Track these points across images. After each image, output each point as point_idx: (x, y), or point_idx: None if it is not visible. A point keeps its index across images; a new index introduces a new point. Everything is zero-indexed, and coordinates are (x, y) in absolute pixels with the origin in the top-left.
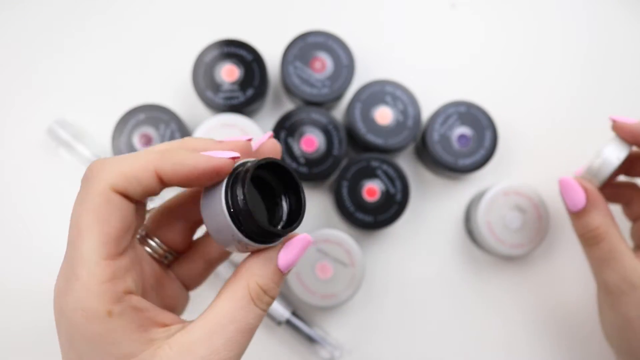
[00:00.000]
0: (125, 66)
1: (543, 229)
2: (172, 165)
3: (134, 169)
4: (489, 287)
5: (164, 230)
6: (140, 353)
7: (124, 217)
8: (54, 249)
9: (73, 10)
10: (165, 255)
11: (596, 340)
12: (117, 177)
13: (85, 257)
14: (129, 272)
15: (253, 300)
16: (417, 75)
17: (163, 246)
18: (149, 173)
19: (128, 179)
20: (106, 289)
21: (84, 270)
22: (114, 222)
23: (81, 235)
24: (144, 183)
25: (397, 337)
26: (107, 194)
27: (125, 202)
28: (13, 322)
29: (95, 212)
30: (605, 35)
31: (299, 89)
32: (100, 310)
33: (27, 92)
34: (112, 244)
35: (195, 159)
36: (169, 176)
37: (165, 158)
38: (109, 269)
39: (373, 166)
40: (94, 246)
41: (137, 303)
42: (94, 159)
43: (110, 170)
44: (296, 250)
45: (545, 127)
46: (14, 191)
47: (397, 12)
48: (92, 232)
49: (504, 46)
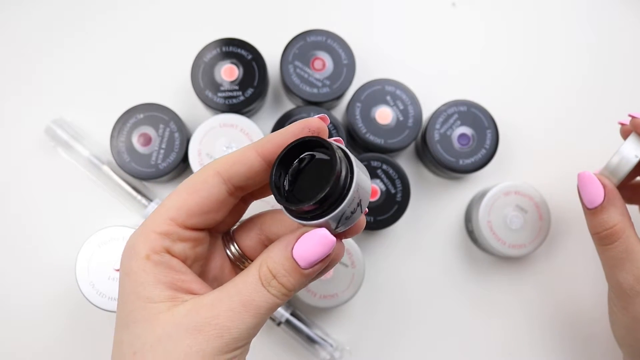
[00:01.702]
0: (124, 65)
1: (544, 229)
2: (269, 140)
3: (238, 153)
4: (489, 287)
5: (244, 237)
6: (160, 303)
7: (210, 196)
8: (52, 249)
9: (72, 9)
10: (240, 260)
11: (597, 340)
12: (223, 163)
13: (160, 210)
14: (183, 242)
15: (261, 280)
16: (417, 75)
17: (238, 251)
18: (251, 152)
19: (233, 162)
20: (154, 238)
21: (151, 219)
22: (198, 195)
23: (170, 196)
24: (248, 162)
25: (398, 337)
26: (208, 175)
27: (220, 186)
28: (12, 321)
29: (190, 183)
30: (608, 34)
31: (298, 88)
32: (142, 251)
33: (25, 91)
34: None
35: (287, 130)
36: (268, 150)
37: (263, 139)
38: (166, 227)
39: (373, 166)
40: (169, 206)
41: (175, 265)
42: (92, 158)
43: (219, 159)
44: (310, 243)
45: (546, 126)
46: (12, 191)
47: (397, 11)
48: (176, 195)
49: (505, 45)
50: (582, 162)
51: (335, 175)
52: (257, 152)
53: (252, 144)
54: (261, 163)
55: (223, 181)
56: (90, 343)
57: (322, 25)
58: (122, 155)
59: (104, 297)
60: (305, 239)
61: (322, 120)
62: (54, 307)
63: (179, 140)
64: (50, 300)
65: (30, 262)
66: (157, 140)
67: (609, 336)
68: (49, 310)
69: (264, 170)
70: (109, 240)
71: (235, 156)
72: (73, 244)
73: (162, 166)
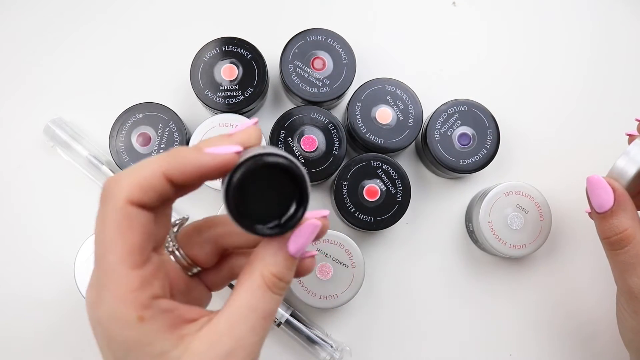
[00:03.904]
0: (123, 65)
1: (545, 229)
2: (178, 166)
3: (144, 177)
4: (490, 287)
5: (191, 246)
6: (174, 349)
7: (143, 227)
8: (51, 249)
9: (71, 8)
10: (189, 268)
11: (598, 340)
12: (131, 190)
13: (112, 269)
14: (155, 278)
15: (270, 288)
16: (417, 74)
17: (187, 259)
18: (158, 178)
19: (141, 188)
20: (136, 297)
21: (113, 282)
22: (135, 233)
23: (106, 250)
24: (157, 189)
25: (398, 338)
26: (124, 208)
27: (143, 212)
28: (12, 322)
29: (116, 226)
30: (609, 35)
31: (298, 88)
32: (132, 317)
33: (24, 90)
34: (136, 254)
35: (200, 157)
36: (177, 177)
37: (171, 160)
38: (137, 278)
39: (373, 166)
40: (119, 259)
41: (165, 305)
42: (91, 158)
43: (123, 184)
44: (304, 237)
45: (547, 126)
46: (11, 191)
47: (398, 11)
48: (115, 245)
49: (506, 45)
50: (584, 162)
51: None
52: (166, 177)
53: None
54: (171, 189)
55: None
56: (89, 343)
57: (322, 24)
58: (121, 155)
59: None
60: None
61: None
62: (52, 307)
63: (179, 140)
64: (48, 300)
65: (29, 262)
66: (157, 140)
67: (609, 337)
68: (48, 310)
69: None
70: None
71: (142, 181)
72: (72, 244)
73: None
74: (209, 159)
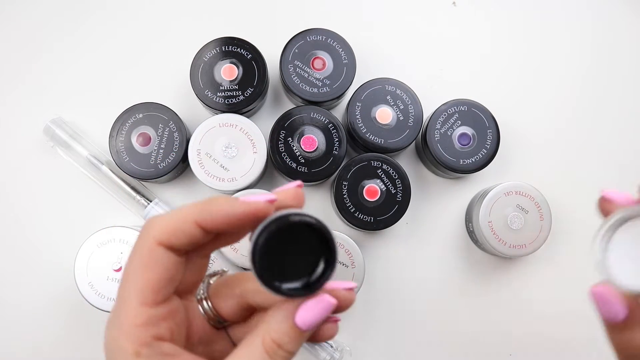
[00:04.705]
0: (123, 64)
1: (545, 229)
2: (209, 213)
3: (175, 220)
4: (490, 287)
5: (219, 298)
6: None
7: (166, 268)
8: (51, 249)
9: (71, 8)
10: (215, 320)
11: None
12: (161, 231)
13: (126, 300)
14: (166, 320)
15: (268, 354)
16: (417, 74)
17: (213, 311)
18: (189, 223)
19: (171, 231)
20: (138, 332)
21: (123, 312)
22: (155, 272)
23: (127, 281)
24: (187, 233)
25: (398, 337)
26: (151, 247)
27: (169, 254)
28: (11, 321)
29: (140, 262)
30: (609, 35)
31: (298, 88)
32: (130, 349)
33: (24, 90)
34: (150, 292)
35: (231, 204)
36: (208, 223)
37: (204, 207)
38: (144, 315)
39: (373, 166)
40: (133, 292)
41: (167, 349)
42: (91, 158)
43: (156, 225)
44: (314, 312)
45: (547, 126)
46: (11, 191)
47: (398, 11)
48: (134, 279)
49: (506, 45)
50: (584, 161)
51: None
52: (197, 223)
53: (193, 211)
54: (202, 234)
55: (167, 249)
56: (89, 343)
57: (322, 24)
58: (121, 155)
59: (103, 298)
60: (308, 307)
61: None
62: (52, 307)
63: (179, 140)
64: (48, 301)
65: (28, 263)
66: (157, 140)
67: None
68: (48, 311)
69: (204, 239)
70: (108, 240)
71: (174, 224)
72: (72, 244)
73: (161, 166)
74: (240, 206)
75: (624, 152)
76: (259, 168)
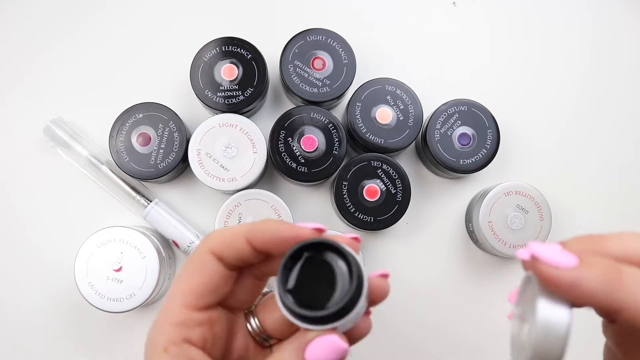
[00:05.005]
0: (123, 64)
1: (545, 229)
2: (259, 231)
3: (229, 234)
4: (490, 287)
5: (266, 314)
6: None
7: (212, 276)
8: (51, 249)
9: (71, 8)
10: (263, 337)
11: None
12: (215, 242)
13: (169, 299)
14: (201, 327)
15: None
16: (417, 74)
17: (260, 328)
18: (240, 239)
19: (222, 243)
20: (171, 330)
21: (165, 309)
22: (201, 278)
23: (176, 283)
24: (236, 247)
25: (398, 337)
26: (204, 254)
27: (219, 264)
28: (11, 321)
29: (190, 266)
30: (609, 35)
31: (298, 88)
32: (160, 344)
33: (23, 90)
34: (192, 296)
35: (279, 226)
36: (256, 241)
37: (255, 226)
38: (180, 316)
39: (373, 166)
40: (178, 292)
41: (194, 354)
42: (91, 158)
43: (212, 237)
44: (322, 350)
45: (547, 126)
46: (11, 191)
47: (398, 11)
48: (182, 281)
49: (506, 45)
50: (584, 161)
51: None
52: (247, 240)
53: (245, 228)
54: (250, 251)
55: (218, 259)
56: (89, 343)
57: (322, 24)
58: (121, 155)
59: (103, 298)
60: (317, 345)
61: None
62: (52, 307)
63: (179, 140)
64: (48, 301)
65: (28, 263)
66: (157, 140)
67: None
68: (48, 311)
69: (253, 256)
70: (108, 240)
71: (226, 237)
72: (72, 244)
73: (161, 166)
74: (287, 228)
75: (624, 152)
76: (259, 168)
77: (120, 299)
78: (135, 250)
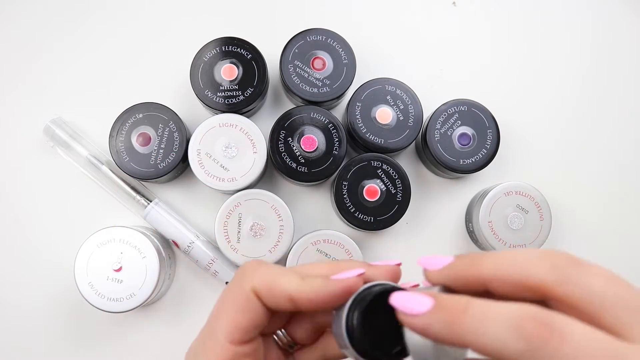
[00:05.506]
0: (123, 64)
1: (545, 229)
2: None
3: (275, 285)
4: None
5: (293, 324)
6: None
7: (255, 317)
8: (51, 249)
9: (71, 8)
10: (289, 345)
11: None
12: (261, 285)
13: (215, 335)
14: (247, 358)
15: None
16: (417, 74)
17: (287, 337)
18: (284, 297)
19: (267, 290)
20: None
21: (210, 346)
22: (247, 317)
23: (219, 317)
24: (279, 302)
25: None
26: (248, 293)
27: (261, 304)
28: (11, 321)
29: (235, 303)
30: (609, 35)
31: (298, 88)
32: None
33: (23, 90)
34: (239, 333)
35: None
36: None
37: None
38: (230, 352)
39: (373, 166)
40: (224, 329)
41: None
42: (91, 158)
43: (258, 277)
44: None
45: (547, 126)
46: (11, 191)
47: (398, 10)
48: (227, 317)
49: (506, 45)
50: (584, 162)
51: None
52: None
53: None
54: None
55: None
56: (89, 343)
57: (322, 24)
58: (121, 155)
59: (103, 298)
60: None
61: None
62: (52, 307)
63: (179, 140)
64: (48, 301)
65: (28, 263)
66: (157, 140)
67: None
68: (48, 311)
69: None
70: (108, 240)
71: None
72: (72, 244)
73: (161, 166)
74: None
75: (624, 152)
76: (259, 168)
77: (120, 299)
78: (135, 250)
